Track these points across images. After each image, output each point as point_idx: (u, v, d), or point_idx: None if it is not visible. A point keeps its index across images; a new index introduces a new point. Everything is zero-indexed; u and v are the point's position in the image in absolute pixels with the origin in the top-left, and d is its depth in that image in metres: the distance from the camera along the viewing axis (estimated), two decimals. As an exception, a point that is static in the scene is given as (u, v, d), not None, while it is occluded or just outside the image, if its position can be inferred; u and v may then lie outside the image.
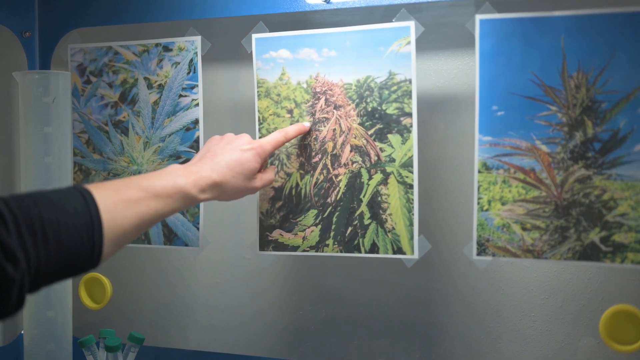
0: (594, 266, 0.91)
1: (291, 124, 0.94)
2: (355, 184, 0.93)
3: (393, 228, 0.91)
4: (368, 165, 0.92)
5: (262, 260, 0.99)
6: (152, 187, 0.66)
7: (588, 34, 0.84)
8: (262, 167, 0.85)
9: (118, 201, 0.62)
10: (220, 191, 0.75)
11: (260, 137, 0.93)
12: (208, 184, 0.74)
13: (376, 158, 0.92)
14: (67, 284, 1.00)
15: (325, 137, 0.94)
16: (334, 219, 0.94)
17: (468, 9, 0.89)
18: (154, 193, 0.66)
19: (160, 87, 1.01)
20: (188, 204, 0.71)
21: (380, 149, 0.91)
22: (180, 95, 0.99)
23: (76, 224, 0.57)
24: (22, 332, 1.03)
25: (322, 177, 0.94)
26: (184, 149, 0.99)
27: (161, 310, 1.04)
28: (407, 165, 0.91)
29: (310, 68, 0.94)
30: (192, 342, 1.04)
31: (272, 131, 0.94)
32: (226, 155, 0.78)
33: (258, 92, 0.96)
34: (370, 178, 0.93)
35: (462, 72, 0.92)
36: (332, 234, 0.94)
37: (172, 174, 0.70)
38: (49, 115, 0.96)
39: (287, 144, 0.93)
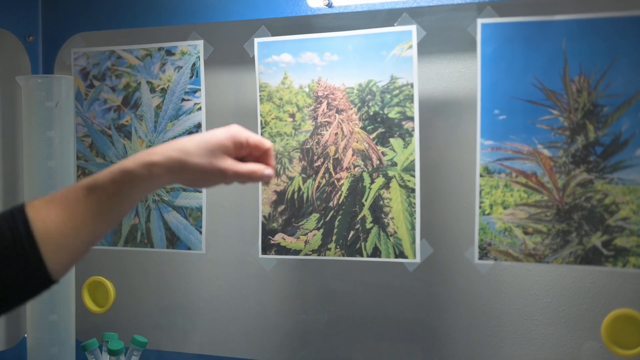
0: (596, 270, 0.91)
1: (293, 128, 0.94)
2: (357, 188, 0.93)
3: (395, 232, 0.91)
4: (370, 169, 0.92)
5: (264, 263, 0.99)
6: (91, 179, 0.60)
7: (590, 38, 0.84)
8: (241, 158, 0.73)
9: (44, 202, 0.57)
10: (180, 168, 0.65)
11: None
12: (160, 160, 0.63)
13: (378, 162, 0.92)
14: (70, 287, 1.01)
15: (327, 141, 0.94)
16: (336, 223, 0.94)
17: (470, 13, 0.89)
18: (92, 185, 0.60)
19: (163, 91, 1.01)
20: (141, 188, 0.62)
21: (382, 152, 0.91)
22: (183, 99, 0.99)
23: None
24: (25, 335, 1.03)
25: (324, 181, 0.94)
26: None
27: (164, 314, 1.04)
28: (409, 169, 0.91)
29: (313, 72, 0.94)
30: (195, 345, 1.04)
31: (275, 135, 0.94)
32: (194, 136, 0.68)
33: (260, 96, 0.96)
34: (372, 182, 0.93)
35: (463, 76, 0.92)
36: (334, 237, 0.94)
37: (121, 162, 0.63)
38: (52, 120, 0.96)
39: (289, 147, 0.93)
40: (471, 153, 0.88)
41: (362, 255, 0.93)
